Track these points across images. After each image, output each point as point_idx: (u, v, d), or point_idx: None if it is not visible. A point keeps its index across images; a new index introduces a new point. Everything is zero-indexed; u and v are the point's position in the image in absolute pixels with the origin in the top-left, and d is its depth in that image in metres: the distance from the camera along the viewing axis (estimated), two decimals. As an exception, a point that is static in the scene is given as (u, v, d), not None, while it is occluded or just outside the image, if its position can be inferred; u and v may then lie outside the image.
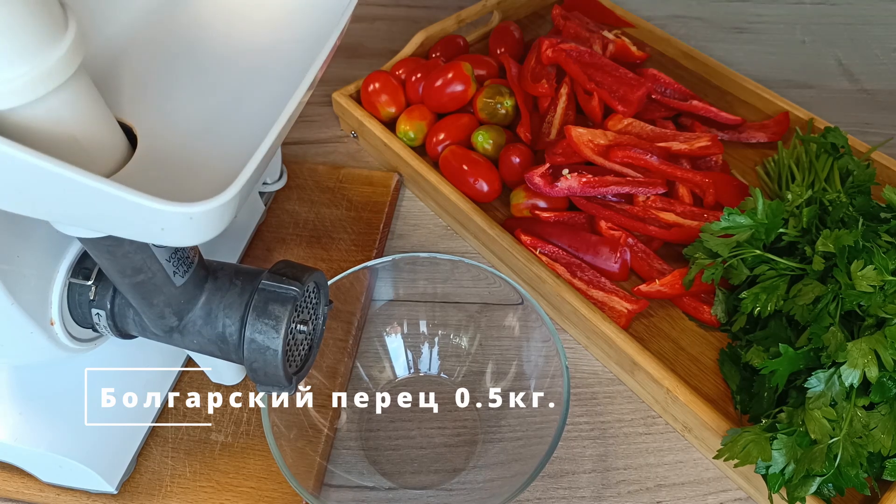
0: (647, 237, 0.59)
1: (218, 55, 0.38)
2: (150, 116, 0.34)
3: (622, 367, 0.53)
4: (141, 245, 0.34)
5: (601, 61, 0.67)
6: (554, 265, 0.58)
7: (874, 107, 0.77)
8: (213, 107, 0.36)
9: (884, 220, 0.51)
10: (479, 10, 0.79)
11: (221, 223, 0.27)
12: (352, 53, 0.83)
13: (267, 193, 0.64)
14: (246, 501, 0.47)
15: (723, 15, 0.90)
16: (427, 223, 0.66)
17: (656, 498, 0.48)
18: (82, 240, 0.33)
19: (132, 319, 0.40)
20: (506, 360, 0.52)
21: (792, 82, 0.80)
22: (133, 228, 0.27)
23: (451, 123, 0.66)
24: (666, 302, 0.57)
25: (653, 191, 0.59)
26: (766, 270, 0.51)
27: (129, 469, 0.47)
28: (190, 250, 0.37)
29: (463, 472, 0.49)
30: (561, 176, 0.59)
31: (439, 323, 0.55)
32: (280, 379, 0.38)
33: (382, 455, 0.50)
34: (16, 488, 0.47)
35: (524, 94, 0.67)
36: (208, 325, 0.38)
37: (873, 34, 0.87)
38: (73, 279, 0.39)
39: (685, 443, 0.51)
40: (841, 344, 0.43)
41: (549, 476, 0.50)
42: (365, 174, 0.67)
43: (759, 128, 0.69)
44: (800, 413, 0.44)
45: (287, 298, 0.37)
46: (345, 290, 0.52)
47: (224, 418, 0.51)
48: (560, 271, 0.57)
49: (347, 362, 0.53)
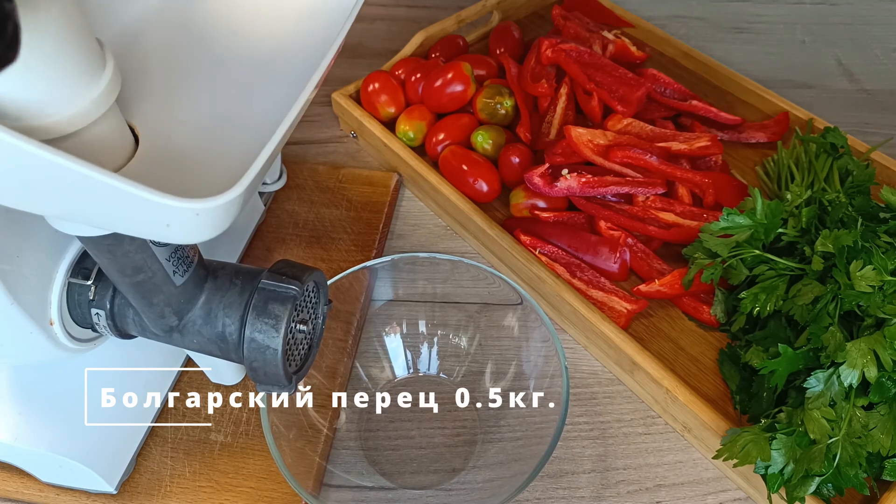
0: (647, 237, 0.59)
1: (222, 56, 0.38)
2: (154, 116, 0.34)
3: (622, 368, 0.53)
4: (141, 244, 0.34)
5: (601, 61, 0.67)
6: (553, 265, 0.58)
7: (874, 107, 0.77)
8: (216, 107, 0.36)
9: (883, 220, 0.51)
10: (479, 10, 0.79)
11: (226, 220, 0.27)
12: (352, 53, 0.83)
13: (266, 193, 0.64)
14: (245, 501, 0.47)
15: (723, 15, 0.90)
16: (427, 223, 0.66)
17: (656, 498, 0.48)
18: (82, 239, 0.33)
19: (132, 319, 0.40)
20: (505, 360, 0.52)
21: (792, 82, 0.80)
22: (138, 224, 0.27)
23: (450, 123, 0.66)
24: (665, 302, 0.57)
25: (652, 191, 0.59)
26: (765, 270, 0.51)
27: (128, 469, 0.47)
28: (189, 250, 0.37)
29: (462, 472, 0.49)
30: (560, 176, 0.59)
31: (439, 323, 0.55)
32: (280, 378, 0.38)
33: (382, 455, 0.50)
34: (15, 488, 0.47)
35: (524, 94, 0.67)
36: (208, 325, 0.38)
37: (873, 34, 0.87)
38: (72, 279, 0.39)
39: (685, 443, 0.51)
40: (840, 344, 0.43)
41: (548, 476, 0.50)
42: (365, 174, 0.67)
43: (758, 128, 0.69)
44: (799, 413, 0.44)
45: (287, 297, 0.37)
46: (344, 290, 0.52)
47: (224, 418, 0.51)
48: (559, 271, 0.57)
49: (347, 362, 0.53)
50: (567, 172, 0.59)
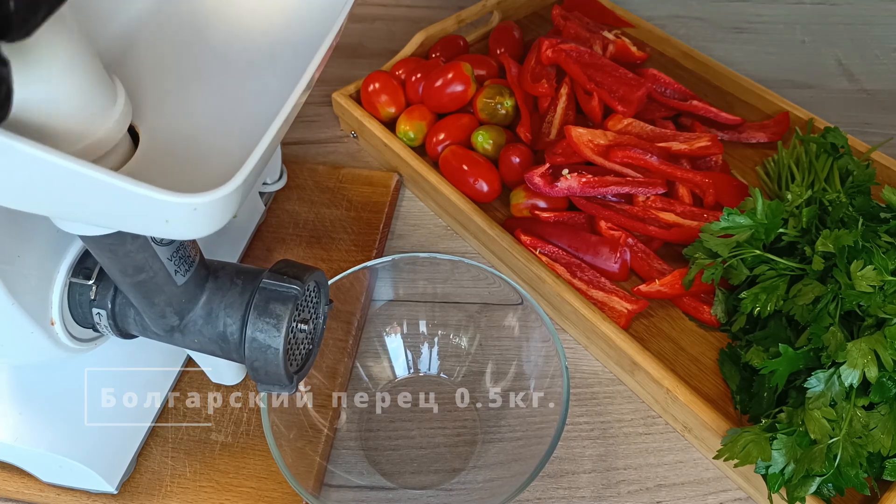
0: (647, 237, 0.59)
1: (220, 52, 0.38)
2: (154, 114, 0.34)
3: (622, 367, 0.53)
4: (143, 243, 0.34)
5: (601, 61, 0.67)
6: (554, 265, 0.58)
7: (874, 107, 0.77)
8: (214, 103, 0.36)
9: (883, 220, 0.51)
10: (479, 10, 0.79)
11: (225, 215, 0.27)
12: (352, 53, 0.83)
13: (267, 193, 0.64)
14: (246, 501, 0.47)
15: (723, 15, 0.90)
16: (427, 223, 0.66)
17: (656, 498, 0.48)
18: (84, 239, 0.33)
19: (133, 319, 0.40)
20: (505, 361, 0.52)
21: (792, 82, 0.80)
22: (137, 221, 0.27)
23: (451, 123, 0.66)
24: (666, 302, 0.57)
25: (653, 191, 0.59)
26: (765, 270, 0.51)
27: (129, 469, 0.47)
28: (191, 249, 0.37)
29: (462, 472, 0.49)
30: (561, 176, 0.59)
31: (439, 323, 0.55)
32: (281, 378, 0.38)
33: (382, 455, 0.50)
34: (16, 488, 0.47)
35: (524, 93, 0.67)
36: (209, 325, 0.38)
37: (873, 34, 0.87)
38: (73, 279, 0.39)
39: (685, 443, 0.51)
40: (841, 344, 0.43)
41: (548, 476, 0.50)
42: (365, 174, 0.67)
43: (759, 128, 0.69)
44: (799, 413, 0.44)
45: (288, 297, 0.37)
46: (345, 290, 0.52)
47: (224, 418, 0.51)
48: (560, 271, 0.57)
49: (347, 362, 0.53)
50: (567, 172, 0.59)
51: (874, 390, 0.43)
